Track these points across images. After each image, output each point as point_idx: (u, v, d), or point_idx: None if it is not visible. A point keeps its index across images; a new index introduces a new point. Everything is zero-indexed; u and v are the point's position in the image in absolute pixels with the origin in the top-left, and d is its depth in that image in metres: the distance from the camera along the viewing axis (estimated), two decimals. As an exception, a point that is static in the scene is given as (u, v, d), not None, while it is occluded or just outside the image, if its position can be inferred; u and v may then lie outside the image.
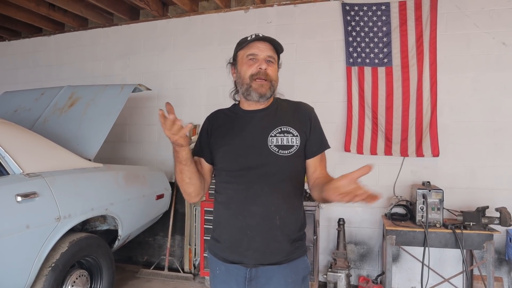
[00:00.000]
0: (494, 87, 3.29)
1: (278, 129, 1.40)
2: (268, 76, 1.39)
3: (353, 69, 3.57)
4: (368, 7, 3.50)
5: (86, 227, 3.06)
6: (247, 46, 1.41)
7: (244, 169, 1.38)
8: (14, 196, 2.09)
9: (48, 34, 4.82)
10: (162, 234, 4.19)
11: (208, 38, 4.11)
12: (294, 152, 1.38)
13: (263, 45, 1.40)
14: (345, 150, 3.55)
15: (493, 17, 3.29)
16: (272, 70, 1.41)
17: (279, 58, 1.48)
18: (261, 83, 1.38)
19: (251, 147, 1.39)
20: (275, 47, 1.43)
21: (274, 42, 1.42)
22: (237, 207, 1.38)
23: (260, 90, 1.38)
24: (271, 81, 1.40)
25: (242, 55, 1.43)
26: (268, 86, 1.39)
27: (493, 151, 3.29)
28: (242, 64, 1.42)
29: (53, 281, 2.31)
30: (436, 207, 2.88)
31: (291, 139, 1.39)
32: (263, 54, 1.39)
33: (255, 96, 1.39)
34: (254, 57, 1.39)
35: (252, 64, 1.39)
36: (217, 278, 1.46)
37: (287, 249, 1.39)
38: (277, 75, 1.45)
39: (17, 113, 3.47)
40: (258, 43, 1.40)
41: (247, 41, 1.40)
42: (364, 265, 3.63)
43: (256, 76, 1.38)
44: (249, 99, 1.43)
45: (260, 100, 1.41)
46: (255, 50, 1.39)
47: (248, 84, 1.40)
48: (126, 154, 4.44)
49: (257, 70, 1.38)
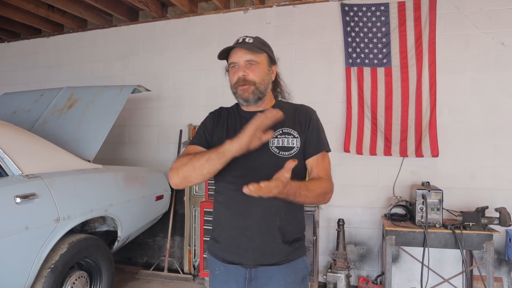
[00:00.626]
0: (493, 87, 3.30)
1: (279, 131, 1.42)
2: (248, 81, 1.40)
3: (352, 70, 3.57)
4: (367, 7, 3.50)
5: (85, 228, 3.05)
6: (230, 53, 1.45)
7: (245, 170, 1.38)
8: (13, 197, 2.09)
9: (47, 35, 4.82)
10: (162, 235, 4.19)
11: (207, 39, 4.12)
12: (294, 153, 1.39)
13: (240, 51, 1.41)
14: (344, 150, 3.55)
15: (492, 18, 3.29)
16: (254, 72, 1.41)
17: (269, 55, 1.47)
18: (242, 89, 1.41)
19: (252, 148, 1.39)
20: (258, 47, 1.42)
21: (254, 44, 1.41)
22: (237, 208, 1.39)
23: (243, 95, 1.42)
24: (255, 83, 1.41)
25: (229, 63, 1.47)
26: (251, 90, 1.41)
27: (493, 151, 3.29)
28: (230, 73, 1.47)
29: (52, 283, 2.30)
30: (436, 207, 2.87)
31: (291, 140, 1.41)
32: (241, 60, 1.41)
33: (241, 101, 1.45)
34: (235, 64, 1.43)
35: (234, 71, 1.43)
36: (217, 279, 1.46)
37: (287, 249, 1.39)
38: (264, 75, 1.44)
39: (16, 114, 3.47)
40: (237, 49, 1.42)
41: (228, 49, 1.43)
42: (363, 265, 3.63)
43: (237, 83, 1.42)
44: (240, 104, 1.49)
45: (247, 104, 1.45)
46: (234, 58, 1.42)
47: (234, 92, 1.45)
48: (126, 155, 4.44)
49: (237, 78, 1.42)
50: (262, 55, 1.44)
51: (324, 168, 1.44)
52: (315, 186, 1.32)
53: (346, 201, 3.59)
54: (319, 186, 1.33)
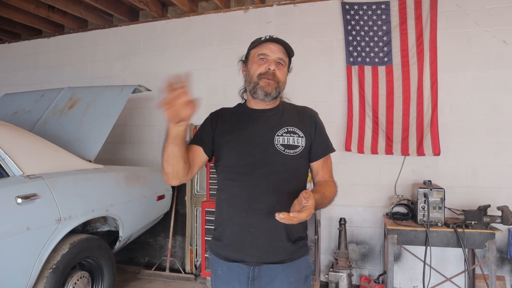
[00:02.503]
0: (495, 86, 3.29)
1: (284, 129, 1.42)
2: (276, 77, 1.41)
3: (353, 68, 3.56)
4: (368, 6, 3.49)
5: (87, 228, 3.05)
6: (260, 45, 1.43)
7: (249, 166, 1.38)
8: (14, 198, 2.09)
9: (47, 36, 4.82)
10: (163, 235, 4.19)
11: (208, 39, 4.11)
12: (299, 152, 1.40)
13: (275, 47, 1.42)
14: (345, 149, 3.55)
15: (493, 15, 3.28)
16: (281, 72, 1.43)
17: (290, 62, 1.50)
18: (267, 82, 1.40)
19: (257, 145, 1.40)
20: (287, 50, 1.45)
21: (286, 45, 1.44)
22: (242, 204, 1.38)
23: (266, 88, 1.40)
24: (278, 82, 1.42)
25: (253, 54, 1.45)
26: (274, 86, 1.41)
27: (494, 149, 3.28)
28: (252, 62, 1.45)
29: (54, 283, 2.30)
30: (438, 206, 2.87)
31: (297, 139, 1.42)
32: (274, 56, 1.41)
33: (261, 94, 1.41)
34: (264, 57, 1.41)
35: (262, 63, 1.41)
36: (219, 279, 1.45)
37: (290, 248, 1.39)
38: (285, 78, 1.47)
39: (17, 115, 3.47)
40: (270, 44, 1.42)
41: (260, 41, 1.43)
42: (365, 264, 3.63)
43: (264, 75, 1.40)
44: (255, 97, 1.45)
45: (265, 99, 1.43)
46: (267, 51, 1.41)
47: (255, 82, 1.42)
48: (127, 155, 4.44)
49: (266, 70, 1.40)
50: (288, 59, 1.47)
51: (329, 170, 1.50)
52: (328, 192, 1.38)
53: (348, 200, 3.58)
54: (331, 191, 1.39)
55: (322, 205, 1.34)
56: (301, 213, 1.14)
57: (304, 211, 1.15)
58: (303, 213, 1.15)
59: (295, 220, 1.14)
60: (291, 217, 1.12)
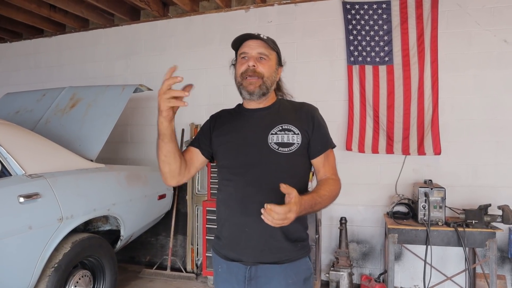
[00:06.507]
0: (496, 85, 3.28)
1: (279, 127, 1.40)
2: (257, 73, 1.38)
3: (354, 68, 3.56)
4: (369, 5, 3.49)
5: (88, 227, 3.07)
6: (241, 46, 1.43)
7: (244, 167, 1.38)
8: (16, 197, 2.10)
9: (49, 35, 4.83)
10: (165, 234, 4.20)
11: (209, 38, 4.11)
12: (294, 150, 1.37)
13: (254, 43, 1.40)
14: (346, 148, 3.55)
15: (494, 15, 3.28)
16: (264, 66, 1.39)
17: (279, 55, 1.48)
18: (249, 81, 1.38)
19: (251, 145, 1.39)
20: (269, 44, 1.42)
21: (266, 39, 1.41)
22: (236, 204, 1.38)
23: (249, 88, 1.39)
24: (263, 77, 1.39)
25: (238, 55, 1.45)
26: (258, 84, 1.38)
27: (495, 149, 3.28)
28: (237, 64, 1.44)
29: (56, 282, 2.32)
30: (438, 205, 2.87)
31: (291, 137, 1.38)
32: (253, 52, 1.39)
33: (246, 94, 1.41)
34: (245, 55, 1.40)
35: (243, 62, 1.40)
36: (220, 277, 1.46)
37: (288, 248, 1.37)
38: (272, 71, 1.42)
39: (19, 114, 3.48)
40: (250, 41, 1.41)
41: (238, 40, 1.43)
42: (366, 263, 3.63)
43: (245, 73, 1.38)
44: (242, 97, 1.45)
45: (251, 98, 1.41)
46: (246, 49, 1.40)
47: (239, 82, 1.41)
48: (128, 154, 4.44)
49: (246, 67, 1.38)
50: (273, 53, 1.44)
51: (331, 166, 1.44)
52: (325, 190, 1.33)
53: (349, 199, 3.58)
54: (329, 189, 1.34)
55: (320, 204, 1.29)
56: (283, 207, 1.11)
57: (287, 205, 1.13)
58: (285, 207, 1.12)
59: (275, 216, 1.10)
60: (269, 210, 1.10)
